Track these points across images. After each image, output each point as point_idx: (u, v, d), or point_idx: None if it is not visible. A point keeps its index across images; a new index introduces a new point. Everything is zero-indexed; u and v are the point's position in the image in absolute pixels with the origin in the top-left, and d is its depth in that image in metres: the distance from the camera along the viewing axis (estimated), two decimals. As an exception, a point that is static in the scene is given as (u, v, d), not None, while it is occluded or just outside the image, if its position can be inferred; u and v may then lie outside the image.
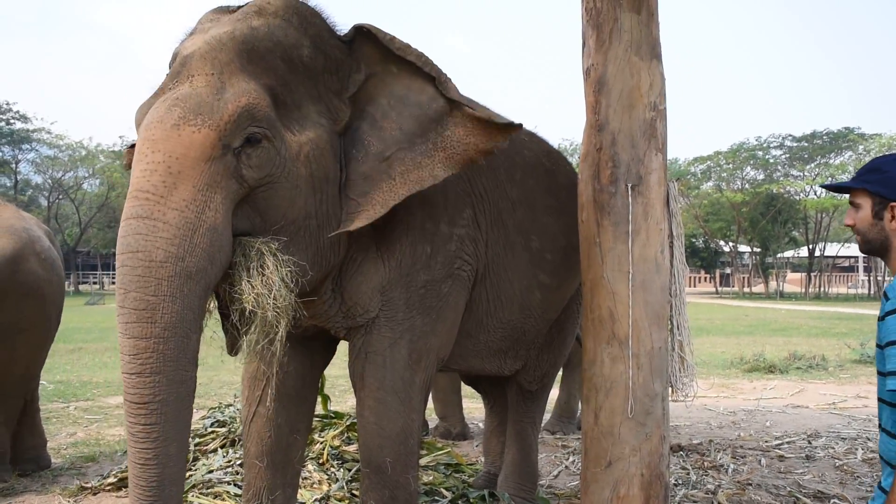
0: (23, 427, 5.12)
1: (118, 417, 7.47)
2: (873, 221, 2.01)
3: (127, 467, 4.74)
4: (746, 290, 45.13)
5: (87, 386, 9.40)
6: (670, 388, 3.05)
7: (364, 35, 2.72)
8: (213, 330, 2.58)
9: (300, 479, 4.25)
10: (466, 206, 3.15)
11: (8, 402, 4.87)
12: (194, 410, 2.50)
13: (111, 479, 4.72)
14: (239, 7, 2.66)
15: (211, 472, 4.48)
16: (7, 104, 38.40)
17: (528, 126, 3.23)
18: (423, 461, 4.62)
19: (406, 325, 2.95)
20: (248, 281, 2.35)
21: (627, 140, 2.91)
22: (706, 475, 4.94)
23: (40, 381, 5.43)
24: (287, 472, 3.28)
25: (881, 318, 1.89)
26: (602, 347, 2.94)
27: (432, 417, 6.70)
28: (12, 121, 38.77)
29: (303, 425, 3.33)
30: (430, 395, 6.47)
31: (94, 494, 4.59)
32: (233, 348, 2.59)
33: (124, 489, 4.62)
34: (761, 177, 41.75)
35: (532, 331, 3.70)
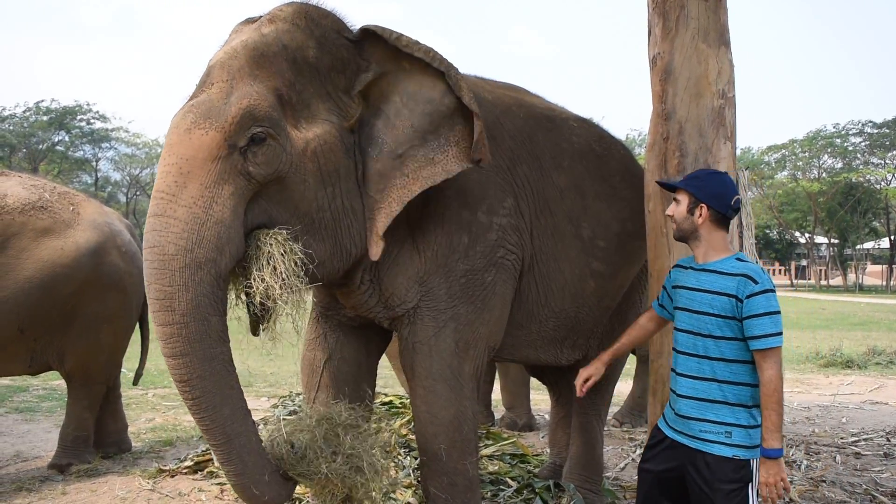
0: (105, 412, 5.36)
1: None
2: (686, 215, 2.52)
3: (203, 451, 4.96)
4: (823, 282, 43.72)
5: (164, 374, 9.70)
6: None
7: (371, 35, 2.80)
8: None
9: (368, 467, 4.34)
10: (507, 196, 3.14)
11: (92, 389, 5.10)
12: (265, 399, 2.68)
13: (188, 463, 4.90)
14: (260, 16, 2.82)
15: (282, 457, 4.59)
16: (87, 105, 39.84)
17: (594, 117, 3.23)
18: (488, 451, 4.66)
19: (449, 315, 2.99)
20: (257, 273, 2.54)
21: (695, 129, 2.87)
22: (778, 470, 4.83)
23: (121, 369, 5.66)
24: None
25: (750, 296, 2.36)
26: (668, 340, 2.90)
27: (499, 408, 6.73)
28: (92, 121, 40.20)
29: (361, 410, 3.39)
30: (499, 386, 6.54)
31: (172, 477, 4.77)
32: (255, 329, 2.78)
33: (200, 472, 4.80)
34: (839, 165, 40.28)
35: (588, 320, 3.66)
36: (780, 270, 53.50)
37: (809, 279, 46.16)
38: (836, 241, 44.10)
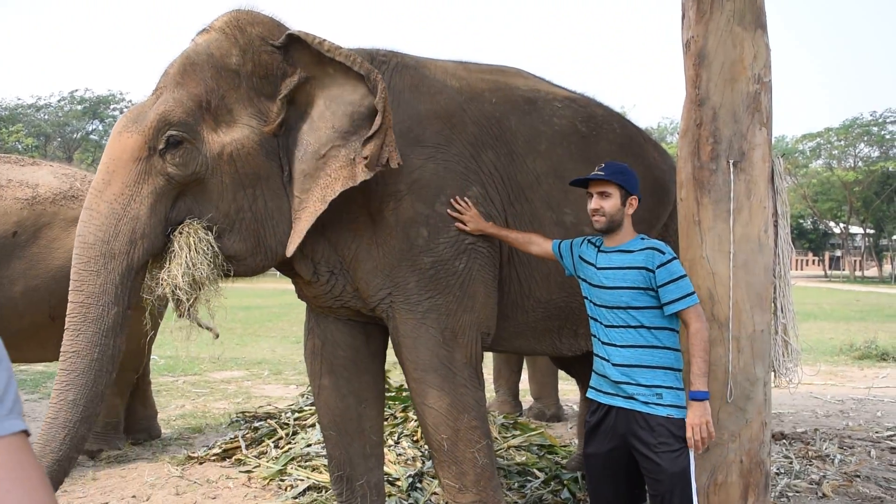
0: (135, 399, 5.41)
1: (223, 392, 7.80)
2: (619, 208, 2.72)
3: (231, 439, 4.99)
4: (858, 273, 43.02)
5: (194, 361, 9.83)
6: (773, 374, 2.93)
7: (296, 41, 2.84)
8: (209, 308, 2.87)
9: (396, 456, 4.34)
10: (472, 184, 3.09)
11: (122, 376, 5.13)
12: (294, 387, 2.74)
13: (216, 450, 4.94)
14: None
15: (309, 445, 4.62)
16: (121, 94, 40.37)
17: (625, 105, 3.14)
18: (514, 441, 4.63)
19: (427, 306, 2.99)
20: (167, 268, 2.74)
21: (729, 115, 2.79)
22: (810, 465, 4.75)
23: (152, 356, 5.70)
24: (363, 441, 3.38)
25: (660, 266, 2.60)
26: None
27: (527, 399, 6.69)
28: (126, 110, 40.73)
29: (370, 395, 3.40)
30: (526, 376, 6.50)
31: (201, 464, 4.81)
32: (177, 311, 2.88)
33: (228, 459, 4.84)
34: (876, 154, 39.50)
35: (584, 309, 3.57)
36: (813, 261, 52.72)
37: (843, 270, 45.44)
38: (872, 232, 43.32)
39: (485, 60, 3.67)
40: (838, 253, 50.90)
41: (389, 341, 3.33)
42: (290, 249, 2.87)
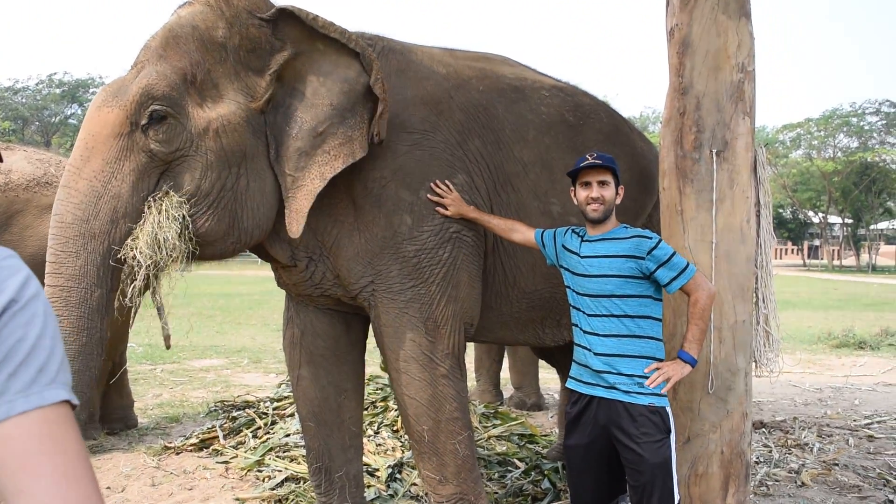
0: (111, 388, 5.33)
1: (202, 380, 7.73)
2: (615, 196, 2.71)
3: (208, 429, 4.94)
4: (836, 262, 43.41)
5: (174, 349, 9.71)
6: (754, 364, 2.92)
7: (287, 15, 2.78)
8: (154, 287, 2.74)
9: (375, 446, 4.31)
10: (457, 172, 3.05)
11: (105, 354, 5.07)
12: (274, 375, 2.67)
13: (193, 440, 4.89)
14: None
15: (287, 435, 4.58)
16: (100, 77, 39.74)
17: (608, 95, 3.11)
18: (495, 431, 4.62)
19: (409, 296, 2.95)
20: (134, 239, 2.60)
21: (713, 103, 2.77)
22: (790, 453, 4.77)
23: (129, 344, 5.63)
24: (343, 432, 3.34)
25: (650, 252, 2.58)
26: (681, 320, 2.83)
27: (507, 387, 6.68)
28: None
29: (349, 385, 3.36)
30: (507, 365, 6.49)
31: (177, 454, 4.76)
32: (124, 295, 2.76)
33: (205, 449, 4.78)
34: (855, 144, 39.76)
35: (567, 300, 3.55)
36: (792, 250, 53.19)
37: (822, 259, 45.88)
38: (850, 221, 43.73)
39: (467, 48, 3.62)
40: (817, 242, 51.38)
41: (369, 330, 3.30)
42: (296, 230, 2.77)
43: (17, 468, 0.72)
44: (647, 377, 2.58)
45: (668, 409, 2.61)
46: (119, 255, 2.59)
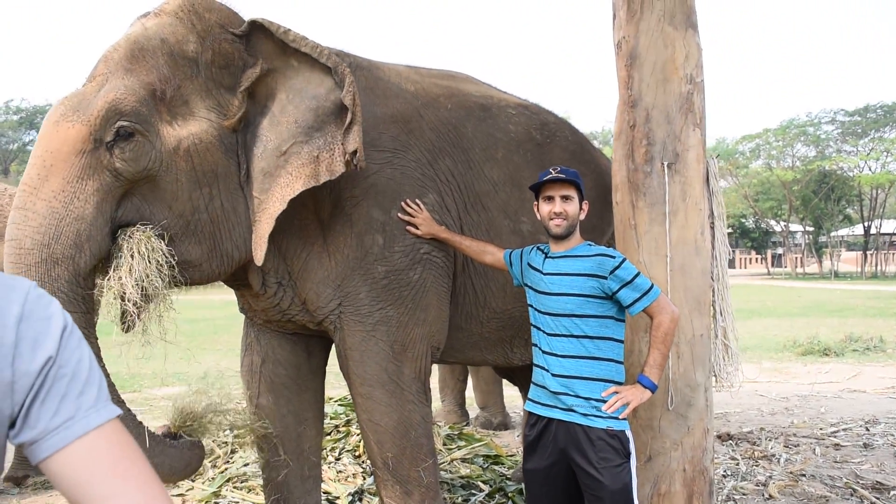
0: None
1: (162, 409, 7.48)
2: (578, 211, 2.63)
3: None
4: (799, 270, 44.06)
5: (135, 378, 9.51)
6: (714, 378, 2.88)
7: (258, 29, 2.67)
8: (159, 320, 2.62)
9: (336, 473, 4.20)
10: (428, 191, 2.99)
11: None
12: (236, 402, 2.58)
13: (150, 474, 4.71)
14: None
15: (247, 465, 4.44)
16: (57, 103, 39.30)
17: (563, 112, 3.07)
18: (459, 454, 4.53)
19: (378, 318, 2.86)
20: (114, 272, 2.44)
21: (662, 116, 2.74)
22: (757, 465, 4.74)
23: None
24: (302, 463, 3.23)
25: (613, 271, 2.49)
26: (640, 336, 2.79)
27: (473, 407, 6.59)
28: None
29: (310, 414, 3.26)
30: (471, 385, 6.41)
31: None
32: (124, 326, 2.60)
33: (163, 483, 4.62)
34: (813, 153, 40.51)
35: None
36: (756, 259, 53.91)
37: (786, 267, 46.47)
38: (811, 229, 44.41)
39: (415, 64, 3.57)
40: (780, 251, 52.13)
41: (330, 356, 3.21)
42: (259, 256, 2.64)
43: (107, 474, 0.84)
44: (604, 401, 2.50)
45: (628, 433, 2.53)
46: (95, 292, 2.45)
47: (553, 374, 2.58)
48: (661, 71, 2.74)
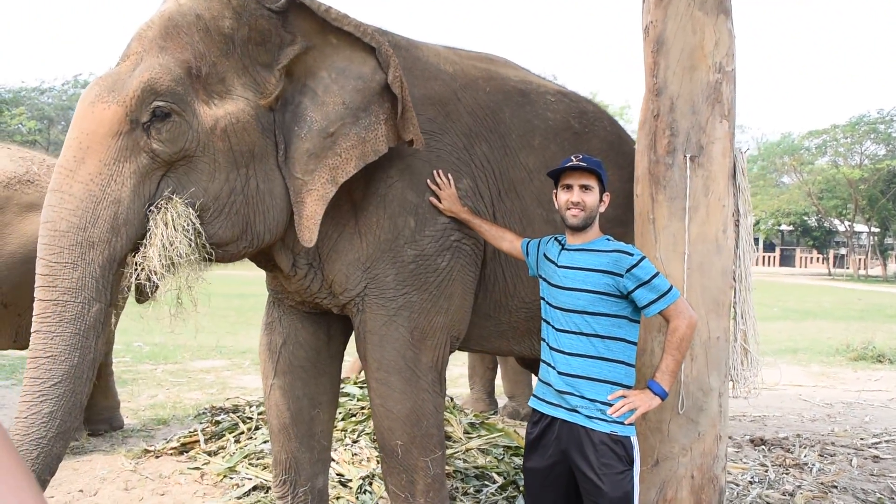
0: (96, 389, 5.21)
1: (200, 381, 7.67)
2: (598, 203, 2.52)
3: (190, 433, 4.85)
4: (862, 272, 42.65)
5: (180, 349, 9.70)
6: (731, 383, 2.76)
7: (297, 6, 2.59)
8: (178, 296, 2.58)
9: (351, 455, 4.19)
10: (463, 176, 2.92)
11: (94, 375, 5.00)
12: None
13: (174, 444, 4.79)
14: None
15: (265, 441, 4.46)
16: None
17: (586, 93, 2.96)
18: (474, 443, 4.46)
19: (401, 303, 2.81)
20: (142, 251, 2.40)
21: (688, 105, 2.61)
22: (787, 473, 4.57)
23: (136, 343, 5.55)
24: (312, 446, 3.21)
25: (629, 270, 2.39)
26: (653, 336, 2.68)
27: (501, 396, 6.53)
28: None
29: (325, 398, 3.23)
30: (500, 374, 6.34)
31: (157, 458, 4.67)
32: (139, 297, 2.60)
33: (186, 454, 4.69)
34: (882, 152, 39.03)
35: None
36: (817, 259, 52.37)
37: (848, 268, 45.08)
38: (877, 230, 42.96)
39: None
40: (843, 251, 50.54)
41: (349, 342, 3.18)
42: (309, 238, 2.59)
43: None
44: (610, 404, 2.40)
45: (634, 440, 2.42)
46: (123, 271, 2.42)
47: (559, 372, 2.49)
48: (688, 58, 2.61)
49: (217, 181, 2.50)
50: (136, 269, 2.41)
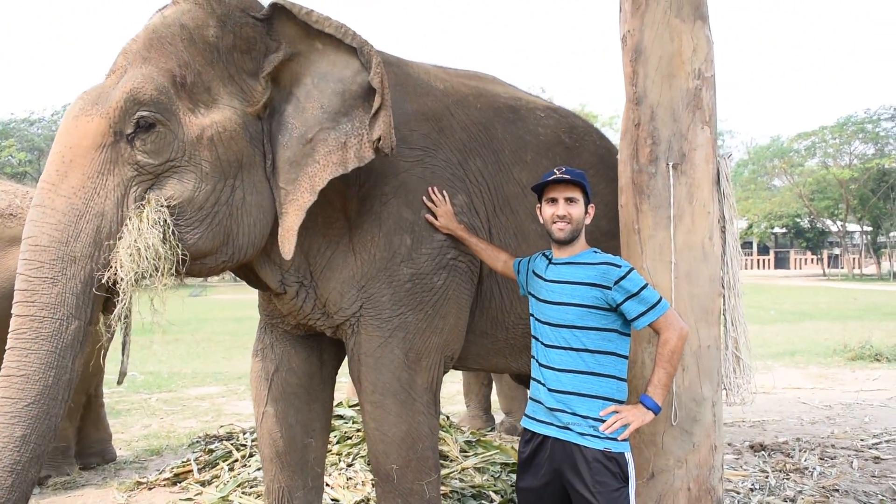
0: (87, 422, 5.19)
1: (194, 409, 7.59)
2: (584, 215, 2.49)
3: (184, 462, 4.78)
4: (856, 271, 42.69)
5: (175, 377, 9.62)
6: (724, 392, 2.72)
7: (281, 12, 2.55)
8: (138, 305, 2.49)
9: (346, 479, 4.14)
10: (458, 192, 2.88)
11: (73, 397, 4.93)
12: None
13: (166, 475, 4.73)
14: None
15: (259, 469, 4.40)
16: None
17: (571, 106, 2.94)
18: (470, 462, 4.41)
19: (396, 323, 2.75)
20: (114, 252, 2.32)
21: (668, 113, 2.59)
22: (787, 479, 4.52)
23: (131, 373, 5.49)
24: (306, 474, 3.15)
25: (618, 282, 2.34)
26: (643, 347, 2.64)
27: (498, 412, 6.48)
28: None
29: (318, 425, 3.18)
30: (495, 391, 6.28)
31: (150, 489, 4.60)
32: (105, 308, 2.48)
33: (179, 484, 4.62)
34: (871, 151, 39.15)
35: None
36: (811, 260, 52.46)
37: (842, 268, 45.13)
38: (869, 229, 43.06)
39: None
40: (836, 251, 50.64)
41: (342, 366, 3.13)
42: (288, 250, 2.52)
43: None
44: (602, 421, 2.35)
45: (628, 455, 2.38)
46: (100, 277, 2.33)
47: (549, 390, 2.44)
48: (666, 66, 2.59)
49: (203, 191, 2.43)
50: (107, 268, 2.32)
